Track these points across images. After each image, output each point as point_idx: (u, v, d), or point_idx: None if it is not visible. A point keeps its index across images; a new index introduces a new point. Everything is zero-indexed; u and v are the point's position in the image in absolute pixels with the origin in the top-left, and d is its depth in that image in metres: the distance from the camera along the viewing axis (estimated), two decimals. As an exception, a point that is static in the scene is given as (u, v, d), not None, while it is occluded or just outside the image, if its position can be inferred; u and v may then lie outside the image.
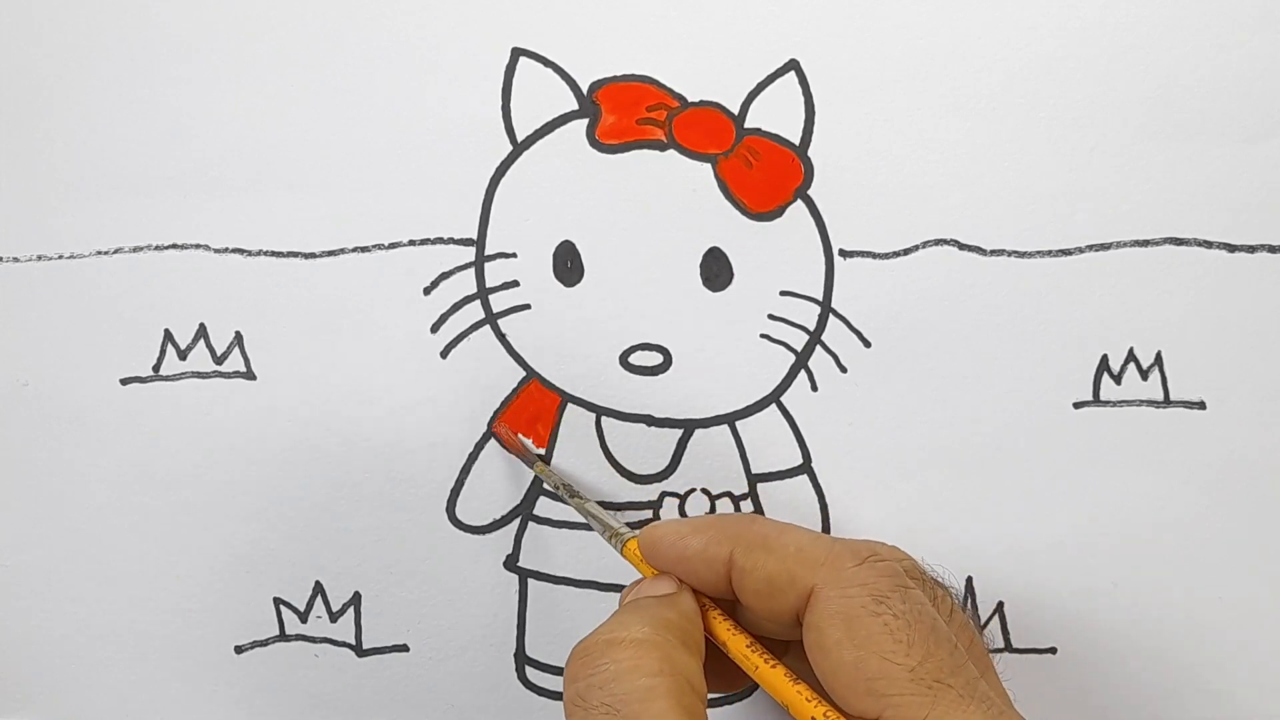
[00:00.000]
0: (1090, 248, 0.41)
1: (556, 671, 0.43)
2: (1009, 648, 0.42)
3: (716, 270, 0.42)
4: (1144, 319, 0.41)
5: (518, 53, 0.42)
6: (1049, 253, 0.41)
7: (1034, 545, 0.41)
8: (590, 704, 0.30)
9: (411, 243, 0.43)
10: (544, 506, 0.43)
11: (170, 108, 0.43)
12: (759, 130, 0.41)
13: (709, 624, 0.34)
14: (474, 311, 0.43)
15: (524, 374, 0.43)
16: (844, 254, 0.42)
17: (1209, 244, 0.40)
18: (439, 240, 0.43)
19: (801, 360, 0.42)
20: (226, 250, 0.43)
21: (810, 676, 0.32)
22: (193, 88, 0.43)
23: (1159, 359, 0.41)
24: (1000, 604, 0.42)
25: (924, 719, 0.29)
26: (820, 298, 0.42)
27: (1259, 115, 0.40)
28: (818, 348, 0.42)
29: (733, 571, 0.34)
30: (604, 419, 0.43)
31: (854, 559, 0.33)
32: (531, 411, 0.43)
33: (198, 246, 0.43)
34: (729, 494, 0.43)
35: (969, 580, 0.42)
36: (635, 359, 0.42)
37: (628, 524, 0.37)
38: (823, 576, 0.32)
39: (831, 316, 0.42)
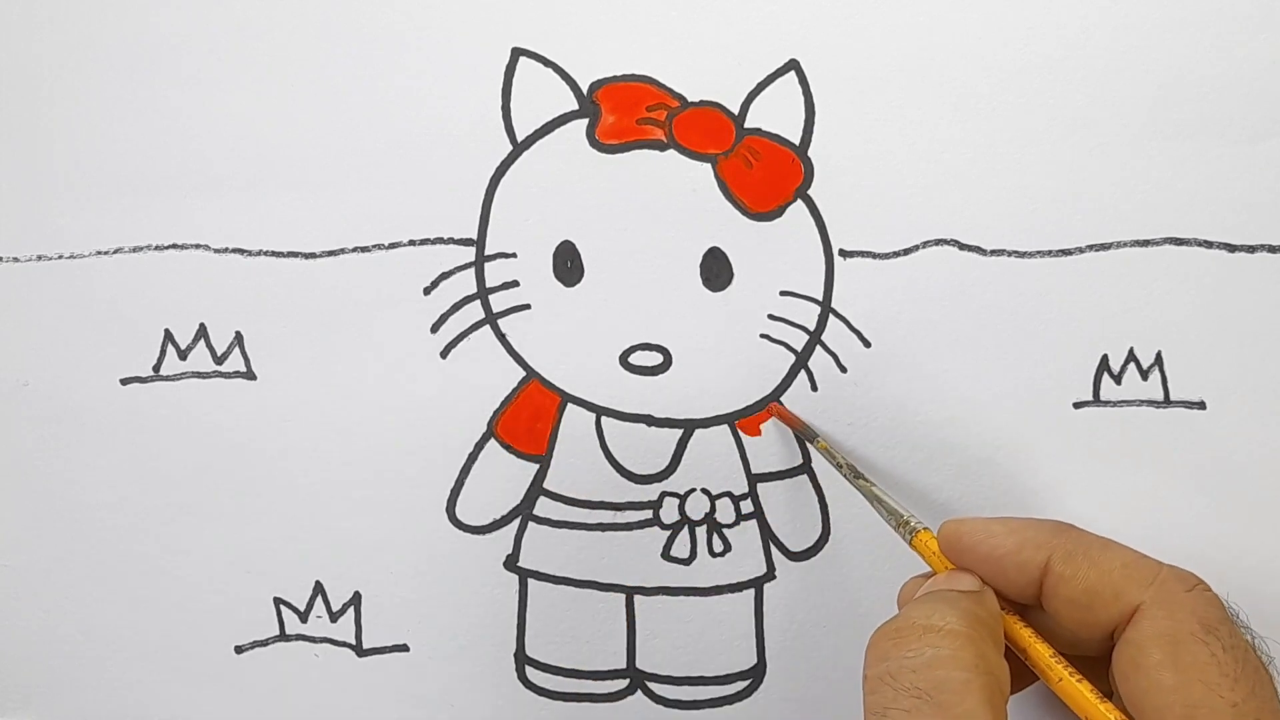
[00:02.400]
0: (1090, 248, 0.41)
1: (556, 671, 0.43)
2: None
3: (716, 270, 0.42)
4: (1144, 319, 0.41)
5: (518, 53, 0.42)
6: (1049, 253, 0.41)
7: (1034, 545, 0.41)
8: (900, 684, 0.29)
9: (411, 243, 0.43)
10: (544, 506, 0.43)
11: (170, 108, 0.43)
12: (759, 130, 0.41)
13: (1007, 628, 0.33)
14: (474, 311, 0.43)
15: (524, 374, 0.43)
16: (844, 254, 0.42)
17: (1209, 244, 0.40)
18: (439, 240, 0.43)
19: (801, 360, 0.42)
20: (226, 250, 0.43)
21: (1107, 698, 0.31)
22: (193, 88, 0.43)
23: (1159, 359, 0.41)
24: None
25: None
26: (820, 298, 0.42)
27: (1259, 115, 0.40)
28: (818, 348, 0.42)
29: (1048, 578, 0.33)
30: (604, 419, 0.43)
31: (1183, 584, 0.32)
32: (531, 411, 0.43)
33: (198, 246, 0.43)
34: (729, 494, 0.43)
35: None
36: (635, 359, 0.42)
37: (913, 515, 0.36)
38: (1151, 596, 0.32)
39: (831, 316, 0.42)
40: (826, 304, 0.42)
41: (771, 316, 0.42)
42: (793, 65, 0.41)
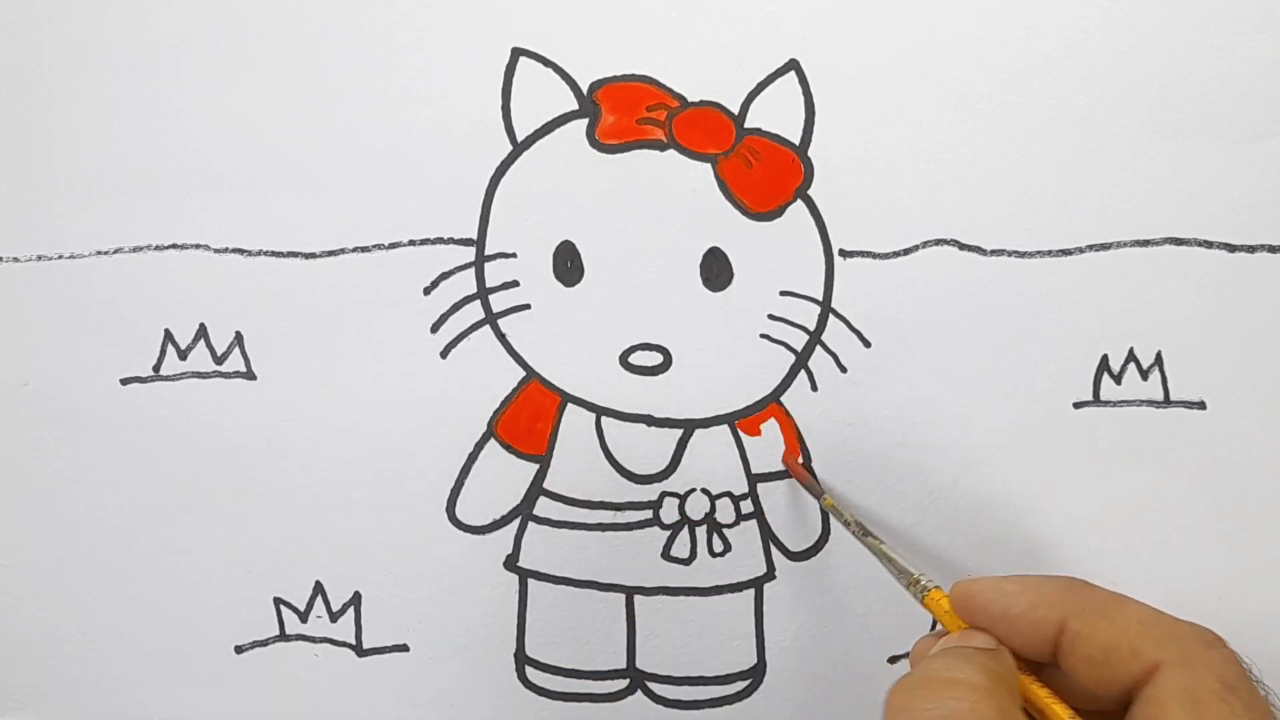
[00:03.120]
0: (1090, 248, 0.41)
1: (556, 672, 0.43)
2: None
3: (716, 270, 0.42)
4: (1144, 319, 0.41)
5: (518, 53, 0.42)
6: (1049, 253, 0.41)
7: (1033, 545, 0.41)
8: None
9: (411, 243, 0.43)
10: (544, 506, 0.43)
11: (170, 108, 0.43)
12: (759, 130, 0.41)
13: (1023, 686, 0.33)
14: (474, 311, 0.43)
15: (524, 374, 0.43)
16: (844, 254, 0.42)
17: (1209, 244, 0.40)
18: (439, 240, 0.43)
19: (801, 360, 0.42)
20: (226, 250, 0.43)
21: None
22: (193, 88, 0.43)
23: (1159, 359, 0.41)
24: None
25: None
26: (820, 298, 0.42)
27: (1259, 115, 0.40)
28: (818, 348, 0.42)
29: (1064, 636, 0.33)
30: (604, 419, 0.43)
31: (1203, 642, 0.32)
32: (531, 411, 0.43)
33: (198, 246, 0.43)
34: (729, 494, 0.43)
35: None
36: (635, 359, 0.42)
37: (923, 574, 0.36)
38: (1171, 653, 0.31)
39: (831, 316, 0.42)
40: (826, 304, 0.42)
41: (771, 316, 0.42)
42: (793, 65, 0.41)
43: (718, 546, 0.43)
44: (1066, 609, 0.33)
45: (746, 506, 0.43)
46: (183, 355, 0.43)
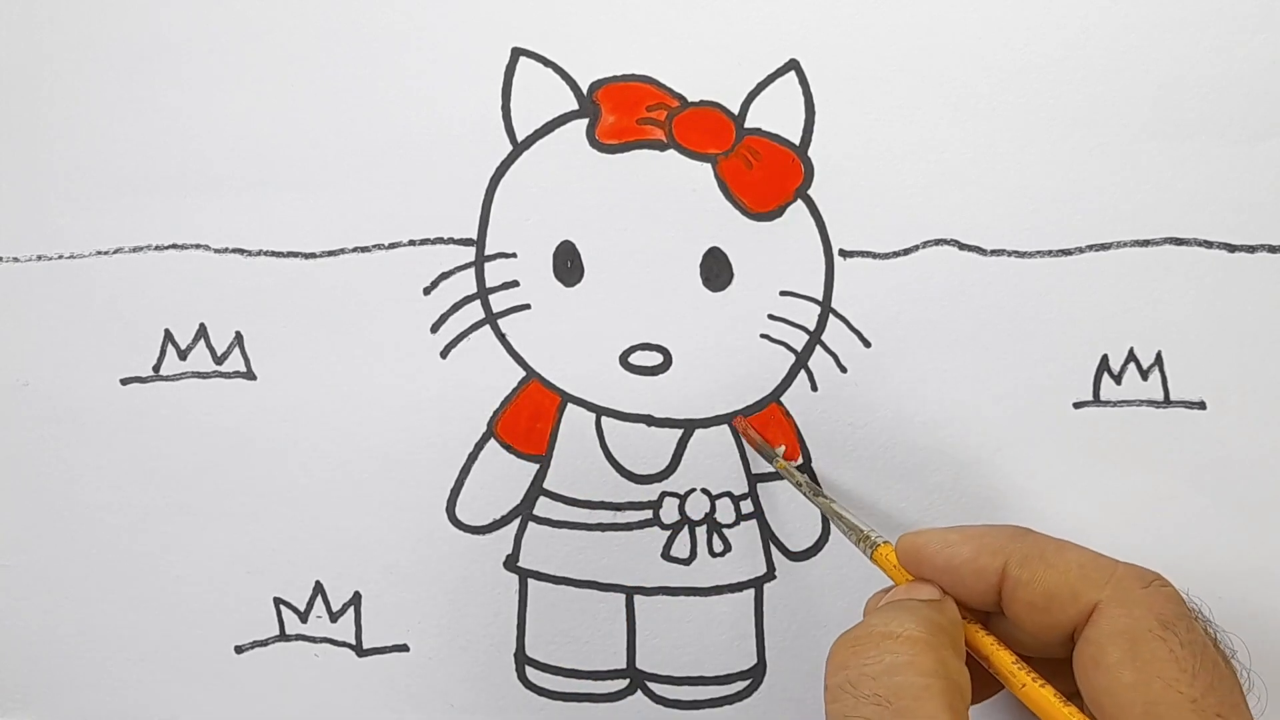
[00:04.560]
0: (1090, 248, 0.41)
1: (556, 671, 0.43)
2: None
3: (716, 270, 0.42)
4: (1144, 319, 0.41)
5: (518, 53, 0.42)
6: (1049, 253, 0.41)
7: (1034, 545, 0.41)
8: (860, 692, 0.30)
9: (411, 243, 0.43)
10: (544, 506, 0.43)
11: (170, 108, 0.43)
12: (759, 130, 0.41)
13: (969, 635, 0.33)
14: (474, 311, 0.43)
15: (524, 374, 0.43)
16: (844, 254, 0.42)
17: (1209, 244, 0.40)
18: (439, 240, 0.43)
19: (801, 360, 0.42)
20: (226, 250, 0.43)
21: (1072, 698, 0.32)
22: (193, 88, 0.43)
23: (1159, 359, 0.41)
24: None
25: None
26: (820, 298, 0.42)
27: (1259, 115, 0.40)
28: (818, 348, 0.42)
29: (1005, 583, 0.33)
30: (604, 419, 0.43)
31: (1140, 581, 0.32)
32: (531, 411, 0.43)
33: (198, 246, 0.43)
34: (729, 494, 0.43)
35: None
36: (635, 359, 0.42)
37: (873, 530, 0.37)
38: (1108, 594, 0.32)
39: (831, 316, 0.42)
40: (826, 304, 0.42)
41: (771, 316, 0.42)
42: (793, 65, 0.41)
43: (718, 546, 0.43)
44: (1008, 556, 0.33)
45: (746, 506, 0.43)
46: (183, 355, 0.43)
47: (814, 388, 0.42)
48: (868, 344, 0.42)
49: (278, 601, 0.44)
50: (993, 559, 0.33)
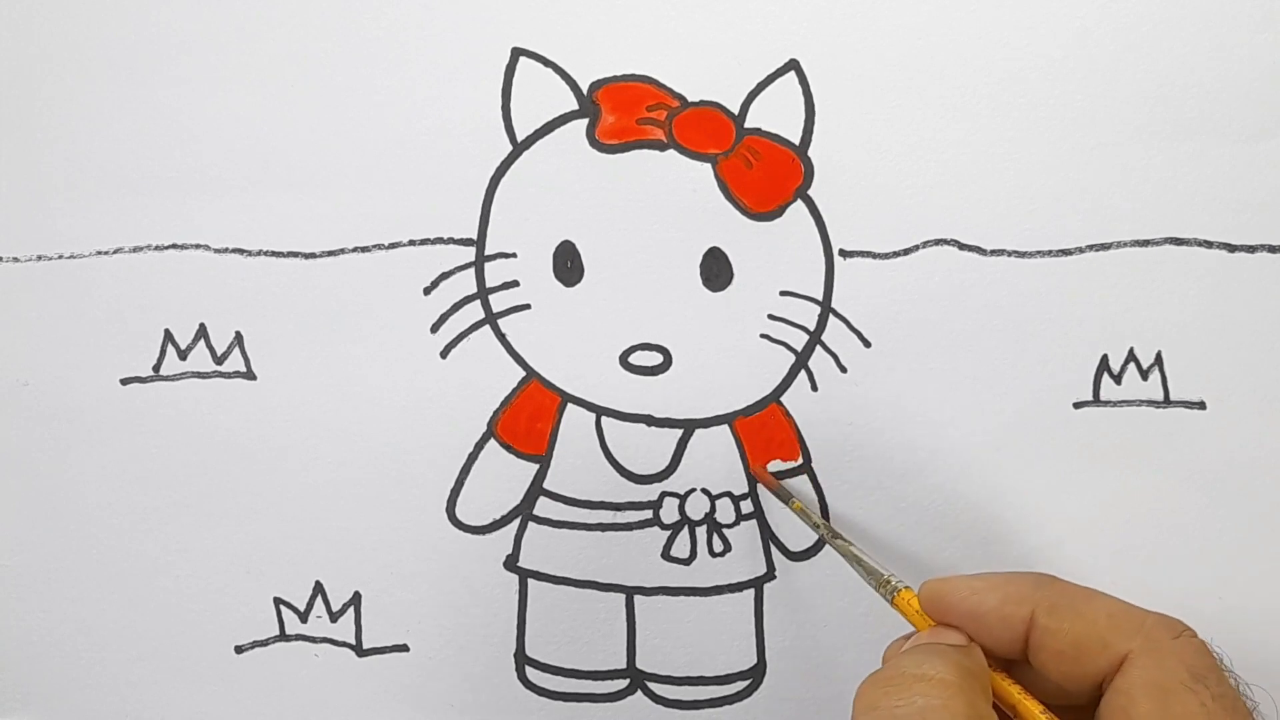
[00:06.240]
0: (1090, 248, 0.41)
1: (556, 672, 0.43)
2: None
3: (716, 270, 0.42)
4: (1144, 319, 0.41)
5: (518, 53, 0.42)
6: (1049, 253, 0.41)
7: (1034, 545, 0.41)
8: None
9: (411, 243, 0.43)
10: (544, 506, 0.43)
11: (170, 108, 0.43)
12: (759, 130, 0.41)
13: (994, 683, 0.33)
14: (474, 311, 0.43)
15: (524, 374, 0.43)
16: (844, 254, 0.42)
17: (1209, 244, 0.40)
18: (439, 240, 0.43)
19: (801, 360, 0.42)
20: (226, 250, 0.43)
21: None
22: (193, 88, 0.43)
23: (1159, 359, 0.41)
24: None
25: None
26: (820, 298, 0.42)
27: (1259, 115, 0.40)
28: (818, 348, 0.42)
29: (1033, 631, 0.33)
30: (604, 419, 0.43)
31: (1170, 632, 0.32)
32: (531, 411, 0.43)
33: (198, 246, 0.43)
34: (729, 494, 0.43)
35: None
36: (635, 359, 0.42)
37: (893, 574, 0.36)
38: (1138, 645, 0.32)
39: (831, 316, 0.42)
40: (826, 304, 0.42)
41: (771, 316, 0.42)
42: (793, 65, 0.41)
43: (718, 546, 0.43)
44: (1035, 604, 0.33)
45: (746, 506, 0.43)
46: (183, 355, 0.43)
47: (814, 388, 0.42)
48: (868, 344, 0.42)
49: (278, 601, 0.44)
50: (1019, 607, 0.33)
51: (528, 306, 0.43)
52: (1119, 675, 0.32)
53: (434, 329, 0.43)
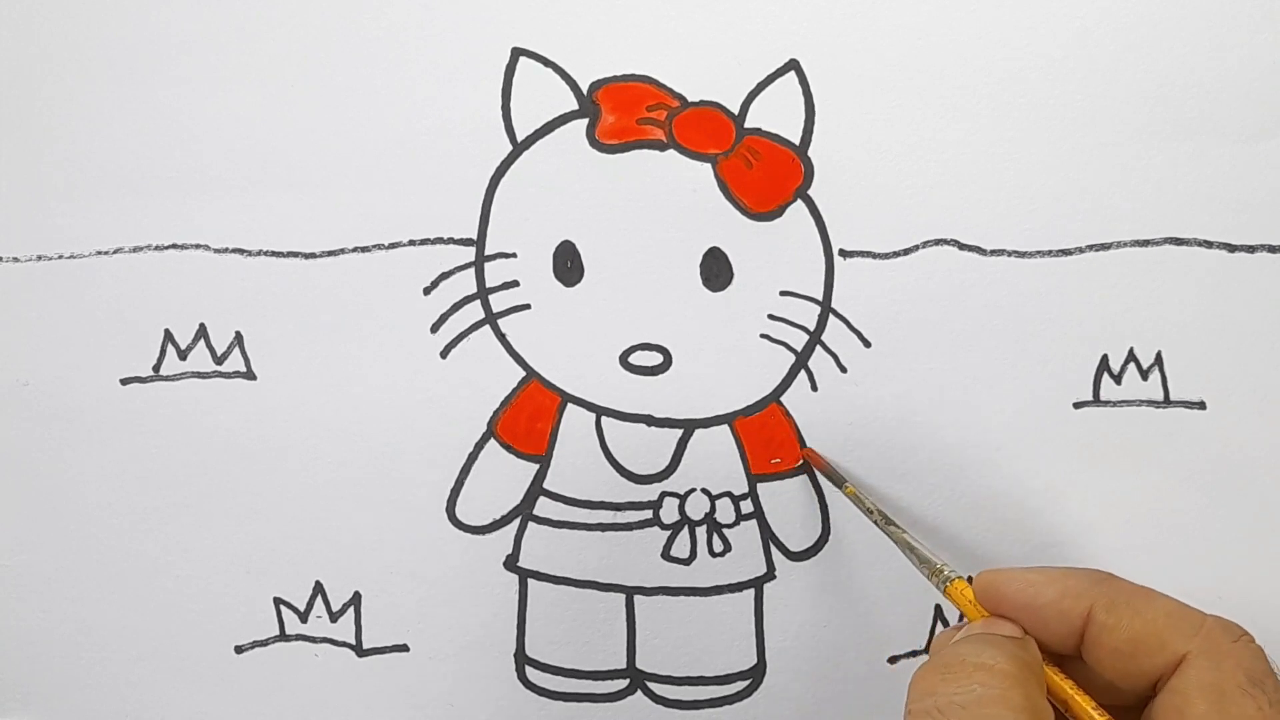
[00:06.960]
0: (1090, 248, 0.41)
1: (556, 672, 0.43)
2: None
3: (716, 270, 0.42)
4: (1144, 319, 0.41)
5: (518, 53, 0.42)
6: (1049, 253, 0.41)
7: (1034, 545, 0.41)
8: None
9: (411, 243, 0.43)
10: (544, 506, 0.43)
11: (170, 108, 0.43)
12: (759, 130, 0.41)
13: (1048, 678, 0.33)
14: (474, 311, 0.43)
15: (524, 374, 0.43)
16: (844, 254, 0.42)
17: (1209, 244, 0.40)
18: (439, 240, 0.43)
19: (801, 360, 0.42)
20: (226, 250, 0.43)
21: None
22: (193, 88, 0.43)
23: (1159, 359, 0.41)
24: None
25: None
26: (820, 298, 0.42)
27: (1259, 115, 0.40)
28: (818, 348, 0.42)
29: (1090, 627, 0.33)
30: (604, 419, 0.43)
31: (1229, 635, 0.32)
32: (531, 411, 0.43)
33: (198, 246, 0.43)
34: (729, 494, 0.43)
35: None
36: (635, 359, 0.42)
37: (946, 563, 0.36)
38: (1196, 646, 0.32)
39: (831, 316, 0.42)
40: (826, 304, 0.42)
41: (771, 316, 0.42)
42: (793, 65, 0.41)
43: (718, 546, 0.43)
44: (1093, 600, 0.33)
45: (746, 506, 0.43)
46: (183, 355, 0.43)
47: (814, 388, 0.42)
48: (868, 344, 0.42)
49: (278, 601, 0.44)
50: (1077, 602, 0.33)
51: (528, 306, 0.43)
52: (1175, 675, 0.31)
53: (434, 329, 0.43)
